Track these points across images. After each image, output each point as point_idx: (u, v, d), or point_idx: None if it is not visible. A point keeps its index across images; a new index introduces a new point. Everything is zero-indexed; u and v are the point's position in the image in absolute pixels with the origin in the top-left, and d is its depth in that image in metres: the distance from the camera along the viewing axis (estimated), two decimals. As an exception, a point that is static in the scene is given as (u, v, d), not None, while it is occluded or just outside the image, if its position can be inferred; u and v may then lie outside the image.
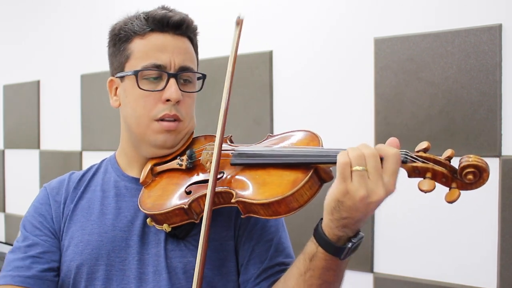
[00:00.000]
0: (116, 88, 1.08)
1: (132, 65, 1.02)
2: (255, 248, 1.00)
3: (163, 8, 1.06)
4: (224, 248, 1.00)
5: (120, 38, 1.04)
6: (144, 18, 1.02)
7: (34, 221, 1.05)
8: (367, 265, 1.75)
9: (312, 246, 0.83)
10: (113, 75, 1.08)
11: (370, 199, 0.74)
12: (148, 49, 1.00)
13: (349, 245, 0.80)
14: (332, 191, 0.77)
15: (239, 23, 0.98)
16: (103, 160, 1.17)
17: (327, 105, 1.86)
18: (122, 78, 1.05)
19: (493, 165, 1.53)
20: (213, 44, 2.17)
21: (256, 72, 2.01)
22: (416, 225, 1.67)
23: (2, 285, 0.97)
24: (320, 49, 1.88)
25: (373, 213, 0.79)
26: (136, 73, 1.00)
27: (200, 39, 1.11)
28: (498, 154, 1.53)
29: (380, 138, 1.71)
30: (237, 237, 1.02)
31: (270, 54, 1.98)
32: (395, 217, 1.71)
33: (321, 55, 1.88)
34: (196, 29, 1.08)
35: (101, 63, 2.58)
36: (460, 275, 1.59)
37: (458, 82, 1.58)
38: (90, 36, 2.65)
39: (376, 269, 1.75)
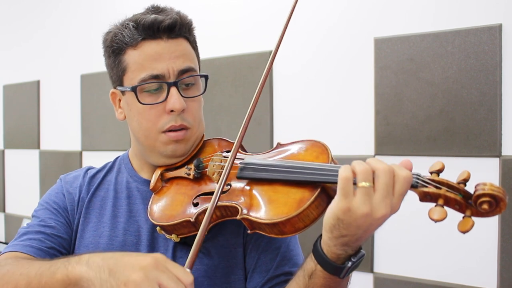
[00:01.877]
0: (119, 100, 1.05)
1: (130, 78, 0.98)
2: (261, 256, 0.98)
3: (152, 9, 1.01)
4: (233, 255, 0.99)
5: (114, 51, 1.00)
6: (133, 26, 0.97)
7: (49, 207, 1.04)
8: (367, 265, 1.75)
9: (311, 263, 0.79)
10: (114, 87, 1.05)
11: (373, 216, 0.71)
12: (143, 60, 0.95)
13: (349, 264, 0.76)
14: (332, 207, 0.73)
15: None
16: (117, 158, 1.15)
17: (327, 105, 1.86)
18: (122, 91, 1.02)
19: (493, 165, 1.53)
20: (213, 44, 2.17)
21: (256, 72, 2.01)
22: (416, 225, 1.67)
23: (12, 252, 0.95)
24: (320, 49, 1.88)
25: (374, 231, 0.74)
26: (134, 89, 0.96)
27: (200, 39, 1.09)
28: (498, 154, 1.53)
29: (380, 138, 1.71)
30: (245, 244, 1.00)
31: (270, 54, 1.98)
32: (395, 217, 1.71)
33: (321, 55, 1.88)
34: (191, 25, 1.03)
35: (101, 63, 2.57)
36: (460, 275, 1.59)
37: (458, 82, 1.58)
38: (90, 36, 2.64)
39: (376, 269, 1.75)
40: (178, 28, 0.98)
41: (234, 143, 0.90)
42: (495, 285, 1.54)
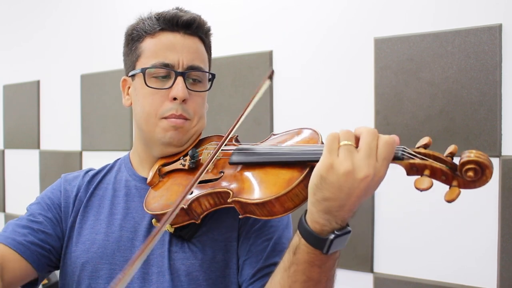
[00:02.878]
0: (129, 88, 1.10)
1: (142, 64, 1.03)
2: (251, 248, 0.99)
3: (176, 8, 1.07)
4: (228, 249, 1.00)
5: (133, 38, 1.06)
6: (155, 17, 1.04)
7: (42, 202, 1.07)
8: (367, 265, 1.75)
9: (295, 238, 0.79)
10: (126, 75, 1.10)
11: (355, 175, 0.70)
12: (158, 48, 1.01)
13: (332, 236, 0.74)
14: (317, 167, 0.73)
15: (270, 76, 0.97)
16: (117, 159, 1.18)
17: (327, 105, 1.86)
18: (133, 77, 1.06)
19: (493, 165, 1.53)
20: (213, 44, 2.17)
21: (256, 72, 2.01)
22: (416, 225, 1.67)
23: None
24: (320, 49, 1.88)
25: (359, 201, 0.73)
26: (143, 71, 1.01)
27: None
28: (498, 154, 1.53)
29: (380, 138, 1.71)
30: (238, 237, 1.01)
31: (270, 54, 1.98)
32: (395, 217, 1.71)
33: (321, 55, 1.88)
34: (209, 30, 1.09)
35: (101, 63, 2.60)
36: (460, 275, 1.59)
37: (458, 82, 1.58)
38: (90, 36, 2.65)
39: (376, 269, 1.75)
40: (195, 27, 1.05)
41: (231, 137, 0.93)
42: (495, 285, 1.54)
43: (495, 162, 1.53)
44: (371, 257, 1.75)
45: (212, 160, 0.88)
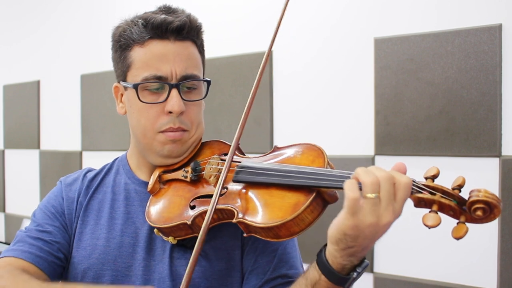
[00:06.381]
0: (122, 95, 1.06)
1: (133, 75, 0.98)
2: (258, 259, 0.98)
3: (164, 9, 1.01)
4: (231, 258, 0.99)
5: (121, 46, 1.01)
6: (142, 24, 0.97)
7: (46, 211, 1.05)
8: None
9: (314, 273, 0.79)
10: (118, 81, 1.06)
11: (379, 224, 0.72)
12: (148, 59, 0.96)
13: (354, 275, 0.77)
14: (339, 224, 0.74)
15: None
16: (115, 160, 1.15)
17: (327, 105, 1.86)
18: (125, 87, 1.02)
19: (493, 165, 1.53)
20: (212, 44, 2.17)
21: (256, 72, 2.00)
22: (416, 225, 1.66)
23: (11, 257, 0.95)
24: (320, 49, 1.88)
25: (380, 238, 0.75)
26: (135, 87, 0.97)
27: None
28: (498, 154, 1.53)
29: (380, 138, 1.71)
30: (243, 246, 1.00)
31: (270, 54, 1.98)
32: (395, 217, 1.71)
33: (321, 55, 1.88)
34: (200, 29, 1.04)
35: (101, 63, 2.60)
36: (460, 275, 1.59)
37: (458, 82, 1.58)
38: (90, 36, 2.65)
39: (376, 269, 1.75)
40: (187, 31, 0.98)
41: (231, 145, 0.91)
42: (495, 285, 1.54)
43: (495, 162, 1.53)
44: (371, 257, 1.75)
45: (220, 187, 0.86)
